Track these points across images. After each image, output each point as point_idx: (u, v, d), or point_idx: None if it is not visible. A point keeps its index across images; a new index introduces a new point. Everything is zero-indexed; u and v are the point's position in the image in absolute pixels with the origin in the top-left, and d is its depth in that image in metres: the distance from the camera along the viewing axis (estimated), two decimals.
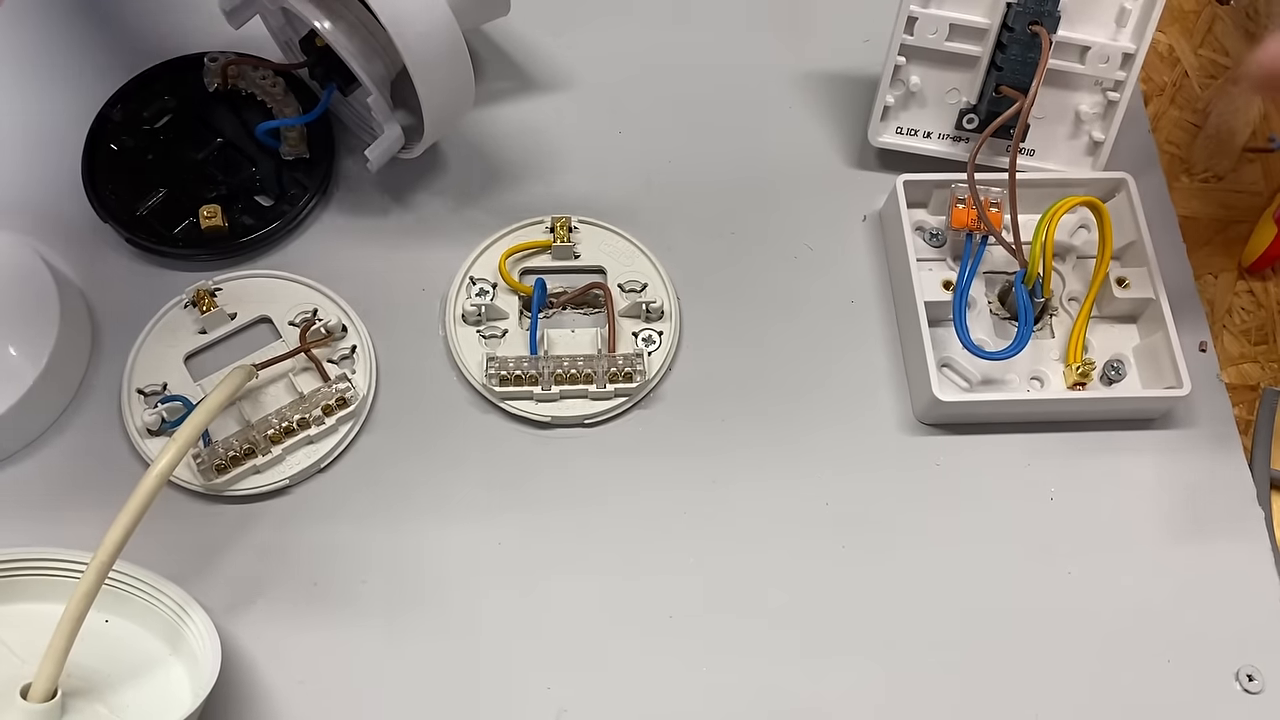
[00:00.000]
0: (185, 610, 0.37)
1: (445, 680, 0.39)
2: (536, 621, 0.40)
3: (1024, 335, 0.42)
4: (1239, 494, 0.43)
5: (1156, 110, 0.52)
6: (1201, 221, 0.50)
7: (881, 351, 0.45)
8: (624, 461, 0.42)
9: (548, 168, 0.48)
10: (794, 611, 0.40)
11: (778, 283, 0.46)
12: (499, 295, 0.44)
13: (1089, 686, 0.40)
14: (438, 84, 0.41)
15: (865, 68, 0.50)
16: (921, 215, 0.46)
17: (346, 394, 0.41)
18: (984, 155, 0.45)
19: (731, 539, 0.41)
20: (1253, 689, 0.40)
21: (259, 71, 0.47)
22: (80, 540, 0.37)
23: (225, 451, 0.40)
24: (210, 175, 0.46)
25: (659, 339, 0.44)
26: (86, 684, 0.36)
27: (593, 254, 0.46)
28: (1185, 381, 0.42)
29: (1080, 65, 0.45)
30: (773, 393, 0.44)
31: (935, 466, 0.43)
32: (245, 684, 0.38)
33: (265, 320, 0.44)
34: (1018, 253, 0.43)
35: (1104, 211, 0.43)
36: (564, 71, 0.51)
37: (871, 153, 0.49)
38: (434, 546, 0.41)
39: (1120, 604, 0.41)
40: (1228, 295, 0.48)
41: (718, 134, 0.49)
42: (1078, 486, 0.43)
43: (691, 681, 0.39)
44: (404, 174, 0.48)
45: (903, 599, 0.41)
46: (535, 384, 0.42)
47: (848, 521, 0.42)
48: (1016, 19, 0.43)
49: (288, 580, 0.40)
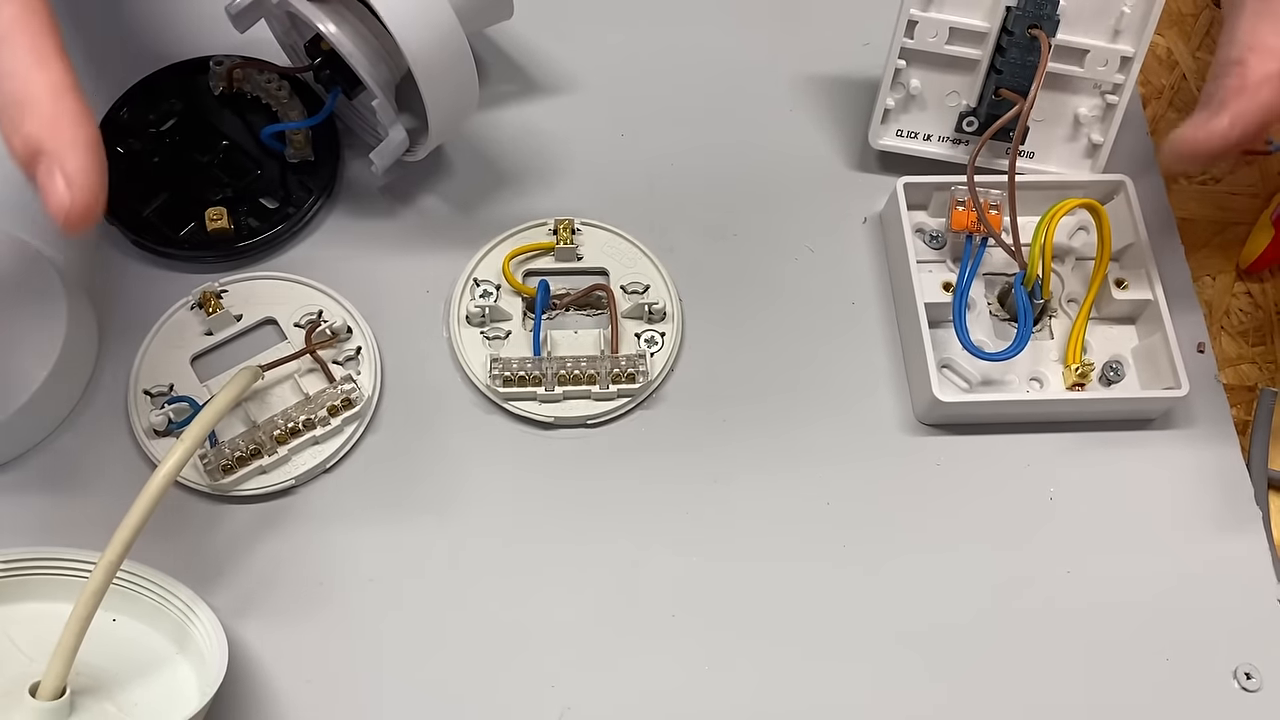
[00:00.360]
0: (192, 609, 0.37)
1: (450, 678, 0.39)
2: (540, 620, 0.40)
3: (1023, 336, 0.42)
4: (1237, 494, 0.43)
5: (1154, 113, 0.53)
6: (1199, 223, 0.50)
7: (882, 352, 0.45)
8: (627, 461, 0.43)
9: (551, 170, 0.49)
10: (795, 610, 0.41)
11: (779, 284, 0.47)
12: (503, 297, 0.45)
13: (1087, 685, 0.40)
14: (442, 88, 0.42)
15: (865, 71, 0.51)
16: (921, 217, 0.47)
17: (352, 395, 0.42)
18: (983, 158, 0.45)
19: (733, 538, 0.42)
20: (1250, 687, 0.40)
21: (264, 75, 0.47)
22: (87, 540, 0.37)
23: (231, 452, 0.40)
24: (216, 178, 0.46)
25: (661, 340, 0.44)
26: (94, 682, 0.36)
27: (595, 256, 0.46)
28: (1184, 382, 0.42)
29: (1079, 68, 0.45)
30: (774, 393, 0.44)
31: (935, 466, 0.43)
32: (251, 683, 0.39)
33: (271, 322, 0.44)
34: (1017, 254, 0.43)
35: (1103, 213, 0.43)
36: (567, 75, 0.51)
37: (872, 155, 0.49)
38: (438, 546, 0.41)
39: (1119, 603, 0.41)
40: (1225, 297, 0.49)
41: (719, 137, 0.50)
42: (1077, 486, 0.43)
43: (694, 679, 0.39)
44: (408, 177, 0.48)
45: (902, 598, 0.41)
46: (539, 385, 0.42)
47: (848, 521, 0.42)
48: (1016, 23, 0.44)
49: (293, 580, 0.40)
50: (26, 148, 0.29)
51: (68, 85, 0.29)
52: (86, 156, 0.29)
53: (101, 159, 0.29)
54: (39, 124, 0.28)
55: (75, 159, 0.28)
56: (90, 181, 0.29)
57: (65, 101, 0.29)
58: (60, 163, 0.28)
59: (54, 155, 0.28)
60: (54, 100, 0.29)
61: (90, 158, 0.29)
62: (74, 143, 0.29)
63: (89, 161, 0.29)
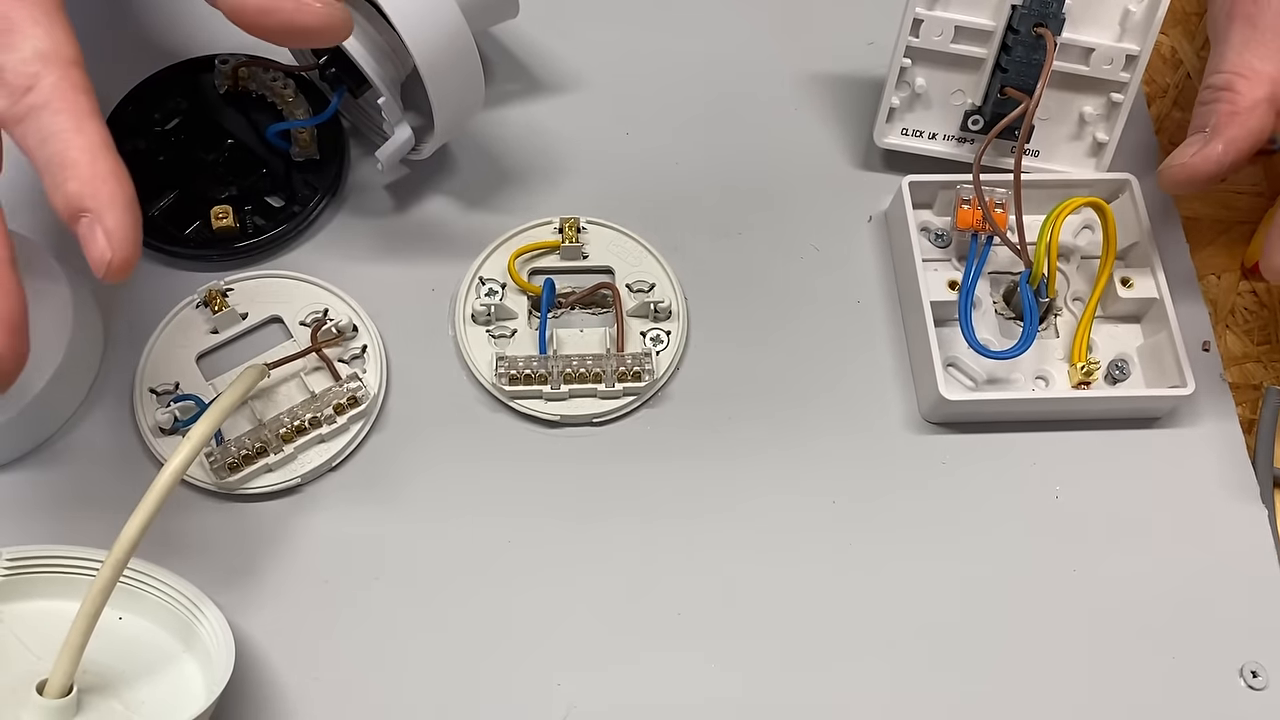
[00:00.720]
0: (198, 607, 0.37)
1: (456, 677, 0.39)
2: (545, 619, 0.40)
3: (1029, 335, 0.42)
4: (1243, 492, 0.43)
5: (1159, 112, 0.53)
6: (1204, 222, 0.50)
7: (887, 351, 0.45)
8: (632, 460, 0.43)
9: (556, 169, 0.49)
10: (801, 609, 0.41)
11: (784, 282, 0.47)
12: (508, 295, 0.45)
13: (1093, 684, 0.40)
14: (448, 86, 0.42)
15: (870, 70, 0.51)
16: (927, 216, 0.47)
17: (358, 393, 0.42)
18: (988, 156, 0.45)
19: (739, 536, 0.42)
20: (1257, 685, 0.40)
21: (269, 73, 0.47)
22: (94, 538, 0.38)
23: (238, 450, 0.40)
24: (221, 176, 0.46)
25: (667, 338, 0.44)
26: (101, 680, 0.36)
27: (601, 254, 0.46)
28: (1189, 381, 0.42)
29: (1084, 67, 0.45)
30: (779, 391, 0.44)
31: (941, 465, 0.43)
32: (258, 680, 0.39)
33: (276, 320, 0.44)
34: (1023, 253, 0.43)
35: (1108, 212, 0.43)
36: (572, 73, 0.51)
37: (877, 154, 0.49)
38: (444, 544, 0.41)
39: (1124, 601, 0.41)
40: (1230, 295, 0.49)
41: (724, 135, 0.50)
42: (1082, 485, 0.43)
43: (700, 679, 0.39)
44: (413, 175, 0.48)
45: (908, 596, 0.41)
46: (544, 383, 0.43)
47: (854, 519, 0.42)
48: (1021, 21, 0.44)
49: (300, 578, 0.40)
50: (68, 205, 0.31)
51: (104, 145, 0.32)
52: (124, 214, 0.31)
53: (137, 215, 0.32)
54: (79, 183, 0.31)
55: (114, 216, 0.31)
56: (128, 236, 0.31)
57: (102, 162, 0.31)
58: (100, 220, 0.31)
59: (94, 213, 0.31)
60: (92, 161, 0.31)
61: (128, 215, 0.31)
62: (112, 201, 0.31)
63: (126, 219, 0.31)
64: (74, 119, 0.31)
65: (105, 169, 0.31)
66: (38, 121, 0.31)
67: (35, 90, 0.31)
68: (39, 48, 0.32)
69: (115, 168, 0.32)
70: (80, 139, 0.31)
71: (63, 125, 0.31)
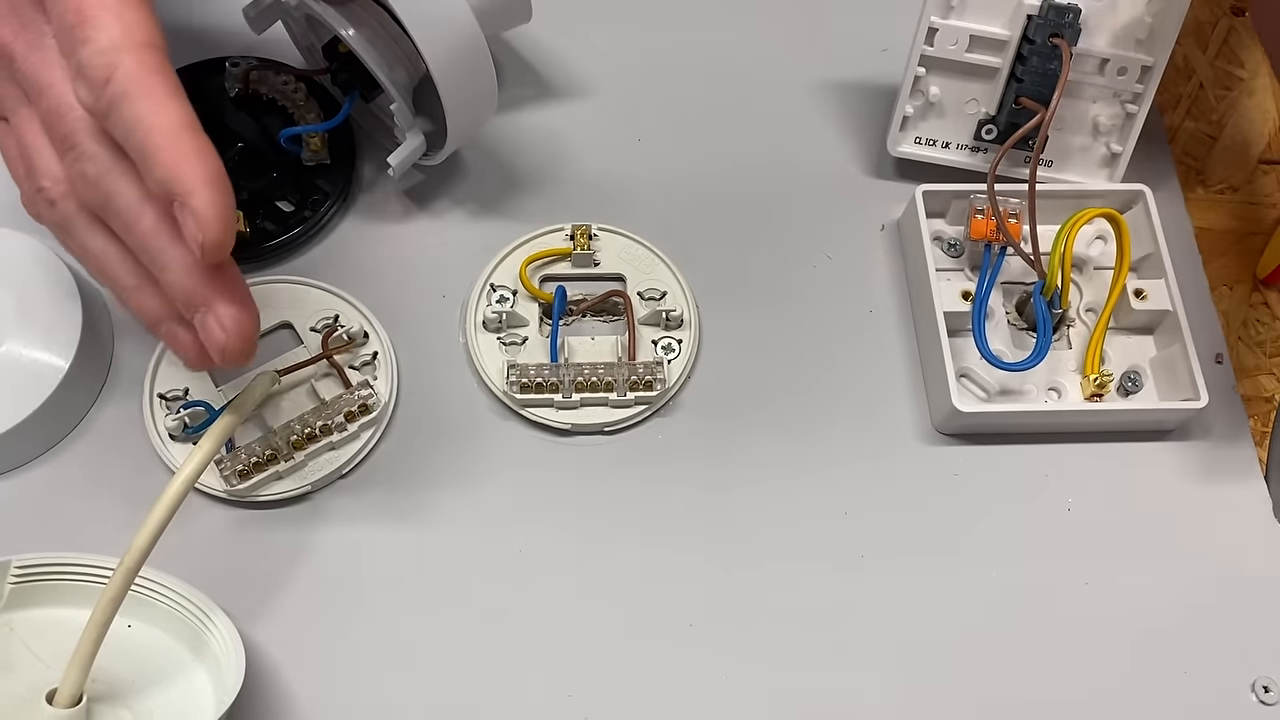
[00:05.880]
0: (209, 616, 0.37)
1: (467, 686, 0.39)
2: (557, 628, 0.40)
3: (1043, 346, 0.42)
4: (1255, 506, 0.43)
5: (1171, 122, 0.53)
6: (1217, 233, 0.50)
7: (900, 361, 0.45)
8: (644, 469, 0.43)
9: (568, 175, 0.48)
10: (812, 620, 0.41)
11: (796, 291, 0.46)
12: (519, 302, 0.45)
13: (1105, 697, 0.40)
14: (461, 91, 0.41)
15: (884, 78, 0.51)
16: (940, 225, 0.47)
17: (368, 400, 0.42)
18: (1001, 166, 0.45)
19: (750, 547, 0.42)
20: (1269, 700, 0.40)
21: (281, 77, 0.47)
22: (103, 545, 0.37)
23: (248, 457, 0.40)
24: (232, 181, 0.46)
25: (678, 347, 0.44)
26: (110, 690, 0.36)
27: (612, 262, 0.46)
28: (1202, 394, 0.42)
29: (1099, 77, 0.45)
30: (791, 401, 0.44)
31: (953, 476, 0.43)
32: (268, 690, 0.38)
33: (287, 326, 0.44)
34: (1036, 264, 0.43)
35: (1122, 224, 0.43)
36: (584, 79, 0.51)
37: (890, 162, 0.49)
38: (455, 553, 0.41)
39: (1136, 615, 0.41)
40: (1243, 307, 0.48)
41: (736, 143, 0.50)
42: (1094, 497, 0.43)
43: (712, 689, 0.39)
44: (425, 181, 0.48)
45: (920, 608, 0.41)
46: (556, 391, 0.42)
47: (866, 530, 0.42)
48: (1037, 31, 0.43)
49: (310, 586, 0.40)
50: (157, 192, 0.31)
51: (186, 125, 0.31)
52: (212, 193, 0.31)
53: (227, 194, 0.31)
54: (164, 169, 0.31)
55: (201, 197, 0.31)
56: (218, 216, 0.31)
57: (186, 141, 0.31)
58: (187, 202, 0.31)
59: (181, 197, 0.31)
60: (175, 143, 0.31)
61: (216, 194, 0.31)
62: (198, 181, 0.31)
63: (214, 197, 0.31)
64: (153, 103, 0.31)
65: (189, 148, 0.31)
66: (119, 112, 0.31)
67: (114, 81, 0.30)
68: (113, 35, 0.31)
69: (200, 146, 0.31)
70: (162, 121, 0.31)
71: (144, 111, 0.30)
